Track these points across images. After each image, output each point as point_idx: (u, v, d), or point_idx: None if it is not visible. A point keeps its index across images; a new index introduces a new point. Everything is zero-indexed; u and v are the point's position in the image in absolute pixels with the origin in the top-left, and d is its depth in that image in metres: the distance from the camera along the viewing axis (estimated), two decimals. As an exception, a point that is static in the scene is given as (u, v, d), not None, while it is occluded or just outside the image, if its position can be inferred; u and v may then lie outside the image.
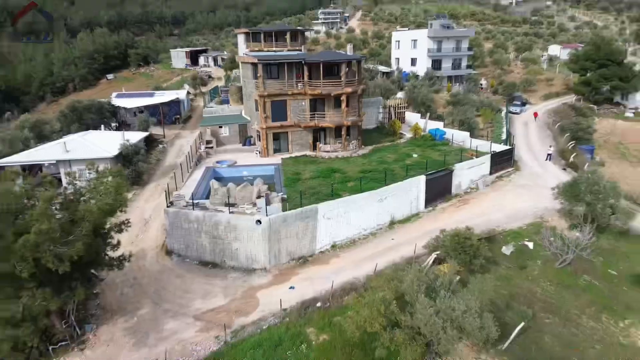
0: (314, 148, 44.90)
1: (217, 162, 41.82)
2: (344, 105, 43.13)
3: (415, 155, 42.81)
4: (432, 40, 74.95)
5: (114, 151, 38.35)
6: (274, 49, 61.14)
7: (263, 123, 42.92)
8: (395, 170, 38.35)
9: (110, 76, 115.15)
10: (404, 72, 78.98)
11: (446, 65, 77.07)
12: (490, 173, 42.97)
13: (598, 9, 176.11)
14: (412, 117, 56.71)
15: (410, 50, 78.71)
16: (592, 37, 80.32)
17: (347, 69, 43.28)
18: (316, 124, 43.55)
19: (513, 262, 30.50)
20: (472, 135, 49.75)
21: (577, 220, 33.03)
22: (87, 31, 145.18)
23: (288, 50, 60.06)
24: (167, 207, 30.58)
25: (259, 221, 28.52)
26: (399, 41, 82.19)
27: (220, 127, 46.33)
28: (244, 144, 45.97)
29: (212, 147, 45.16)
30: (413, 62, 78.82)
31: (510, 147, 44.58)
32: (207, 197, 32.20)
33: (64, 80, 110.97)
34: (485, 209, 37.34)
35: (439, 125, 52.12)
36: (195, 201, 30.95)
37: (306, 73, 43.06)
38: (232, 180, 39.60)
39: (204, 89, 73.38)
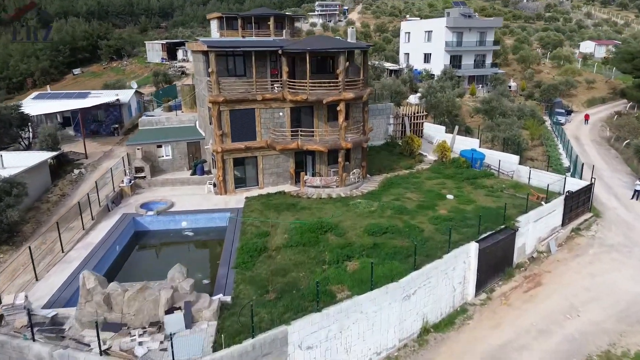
0: (297, 180, 29.45)
1: (143, 205, 26.22)
2: (342, 118, 27.60)
3: (450, 197, 27.28)
4: (451, 31, 59.32)
5: (-38, 192, 22.71)
6: (254, 38, 45.46)
7: (218, 143, 27.37)
8: (425, 227, 22.87)
9: (76, 71, 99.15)
10: (415, 69, 63.37)
11: (467, 62, 61.50)
12: (563, 224, 27.60)
13: (615, 5, 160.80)
14: (432, 130, 41.25)
15: (424, 43, 63.03)
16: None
17: (348, 63, 27.73)
18: (300, 146, 28.06)
19: None
20: (521, 160, 34.35)
21: None
22: (61, 21, 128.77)
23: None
24: (-14, 330, 14.99)
25: (157, 381, 13.01)
26: (409, 33, 66.51)
27: (159, 146, 30.68)
28: (194, 172, 30.40)
29: (144, 177, 29.54)
30: (426, 58, 63.16)
31: (589, 183, 29.08)
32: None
33: (22, 75, 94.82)
34: (572, 295, 21.95)
35: (472, 143, 36.65)
36: (47, 313, 15.46)
37: (285, 68, 27.52)
38: (163, 236, 24.22)
39: (179, 85, 57.43)
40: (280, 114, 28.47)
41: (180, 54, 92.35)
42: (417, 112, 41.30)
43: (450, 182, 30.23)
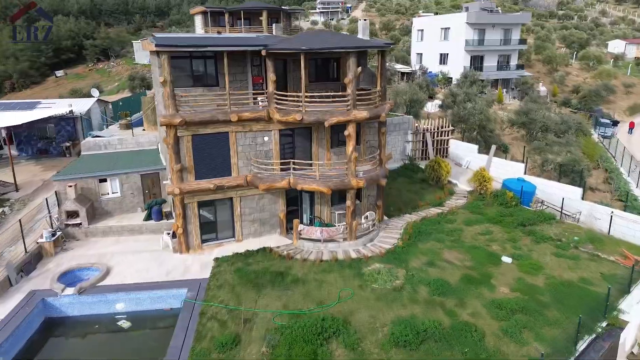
0: (288, 227, 21.11)
1: (62, 275, 17.82)
2: (351, 145, 19.15)
3: (507, 260, 18.80)
4: (472, 28, 50.75)
5: None
6: (232, 34, 37.21)
7: (176, 182, 18.97)
8: (483, 325, 14.41)
9: (59, 72, 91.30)
10: (430, 72, 54.95)
11: (489, 63, 52.87)
12: (665, 296, 19.14)
13: (630, 2, 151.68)
14: (461, 149, 32.87)
15: (440, 42, 54.49)
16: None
17: (360, 68, 19.21)
18: (292, 185, 19.68)
19: None
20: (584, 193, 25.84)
21: None
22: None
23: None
24: None
25: None
26: (422, 30, 57.96)
27: (103, 180, 22.28)
28: (149, 216, 21.97)
29: (78, 225, 21.16)
30: (443, 59, 54.63)
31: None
32: None
33: (0, 77, 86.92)
34: None
35: (516, 169, 28.20)
36: None
37: (271, 76, 19.06)
38: (86, 328, 15.85)
39: (150, 94, 49.06)
40: (265, 139, 20.07)
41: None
42: (442, 127, 32.89)
43: (499, 229, 21.76)
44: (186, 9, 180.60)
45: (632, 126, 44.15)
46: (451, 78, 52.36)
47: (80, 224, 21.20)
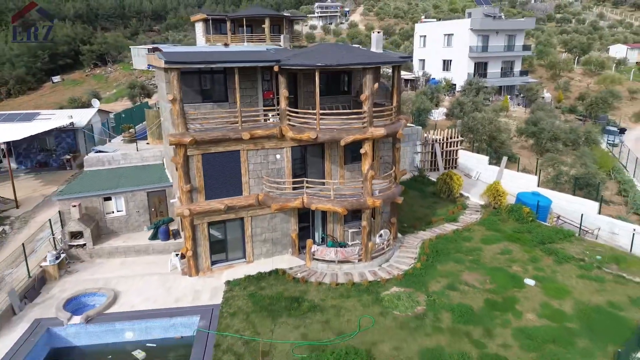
0: (301, 248, 20.43)
1: (68, 302, 17.00)
2: (367, 164, 18.49)
3: (530, 282, 18.15)
4: (476, 34, 50.30)
5: None
6: (245, 44, 36.74)
7: (185, 203, 18.21)
8: (514, 358, 13.80)
9: (56, 78, 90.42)
10: (432, 79, 54.50)
11: (493, 70, 52.49)
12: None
13: (628, 5, 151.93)
14: (472, 160, 32.29)
15: (443, 48, 54.00)
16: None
17: (376, 83, 18.59)
18: (305, 205, 18.97)
19: None
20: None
21: None
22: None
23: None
24: None
25: None
26: (425, 36, 57.46)
27: (108, 198, 21.50)
28: (155, 235, 21.17)
29: (83, 245, 20.36)
30: (446, 65, 54.17)
31: None
32: None
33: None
34: None
35: (529, 182, 27.60)
36: None
37: (284, 92, 18.38)
38: (97, 356, 15.04)
39: (152, 102, 48.56)
40: (277, 156, 19.35)
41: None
42: (451, 137, 32.31)
43: (518, 248, 21.12)
44: (183, 13, 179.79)
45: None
46: (455, 85, 51.89)
47: (85, 244, 20.39)
